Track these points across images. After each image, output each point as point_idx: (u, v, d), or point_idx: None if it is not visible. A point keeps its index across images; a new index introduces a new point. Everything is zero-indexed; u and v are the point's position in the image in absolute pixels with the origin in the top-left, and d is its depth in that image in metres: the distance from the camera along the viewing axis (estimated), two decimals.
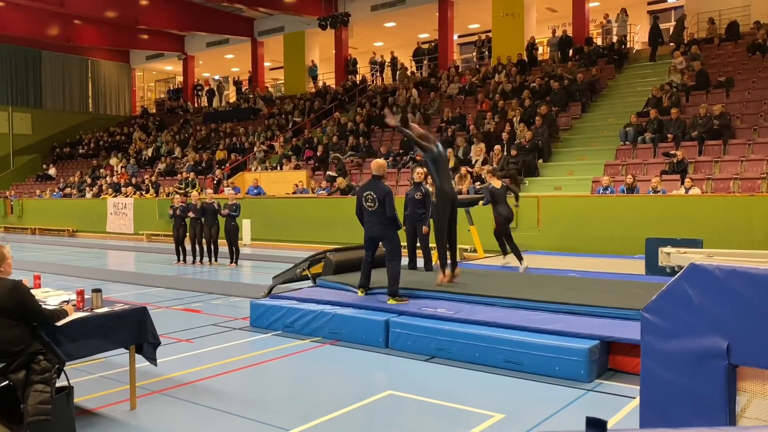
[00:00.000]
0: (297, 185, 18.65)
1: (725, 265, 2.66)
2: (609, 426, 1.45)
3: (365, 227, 7.25)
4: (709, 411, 2.64)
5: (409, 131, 7.66)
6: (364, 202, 7.16)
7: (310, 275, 8.48)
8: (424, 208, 9.07)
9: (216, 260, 13.63)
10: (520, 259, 9.47)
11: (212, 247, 13.67)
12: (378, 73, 27.04)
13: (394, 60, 26.39)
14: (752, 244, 10.42)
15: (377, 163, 7.46)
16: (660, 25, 20.16)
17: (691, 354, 2.69)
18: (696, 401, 2.68)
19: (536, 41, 21.87)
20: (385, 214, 7.04)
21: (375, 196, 7.06)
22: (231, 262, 13.36)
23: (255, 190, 18.98)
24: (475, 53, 25.49)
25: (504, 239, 10.02)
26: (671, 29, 20.57)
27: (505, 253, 10.24)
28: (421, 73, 25.42)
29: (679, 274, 2.78)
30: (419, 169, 9.58)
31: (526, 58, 21.10)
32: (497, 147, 15.83)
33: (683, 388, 2.71)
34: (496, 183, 10.08)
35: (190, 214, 13.60)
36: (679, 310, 2.74)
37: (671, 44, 19.15)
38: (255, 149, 22.68)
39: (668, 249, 8.53)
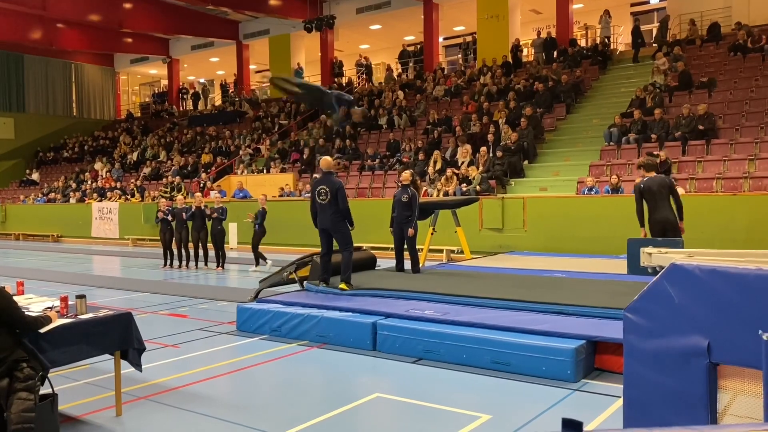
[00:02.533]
0: (283, 188, 18.61)
1: (705, 265, 2.70)
2: (593, 426, 1.47)
3: (318, 220, 7.72)
4: (691, 409, 2.67)
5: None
6: (317, 197, 7.62)
7: (297, 278, 8.46)
8: (410, 210, 9.09)
9: (206, 264, 13.59)
10: None
11: (200, 251, 13.63)
12: (364, 76, 27.06)
13: (369, 65, 26.50)
14: (735, 243, 10.53)
15: (326, 161, 7.98)
16: (643, 27, 20.36)
17: (673, 353, 2.72)
18: (678, 400, 2.71)
19: (521, 43, 21.99)
20: (337, 206, 7.53)
21: (328, 189, 7.56)
22: (217, 266, 13.31)
23: (241, 194, 18.90)
24: (460, 55, 25.58)
25: None
26: (654, 30, 20.78)
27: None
28: (406, 76, 25.47)
29: (660, 274, 2.81)
30: (406, 172, 9.61)
31: (510, 60, 21.21)
32: (483, 148, 15.89)
33: (665, 386, 2.74)
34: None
35: (170, 218, 13.54)
36: (661, 309, 2.77)
37: (654, 45, 19.34)
38: (241, 152, 22.61)
39: (650, 249, 8.59)
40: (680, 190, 12.42)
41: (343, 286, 7.63)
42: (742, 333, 2.54)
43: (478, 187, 14.53)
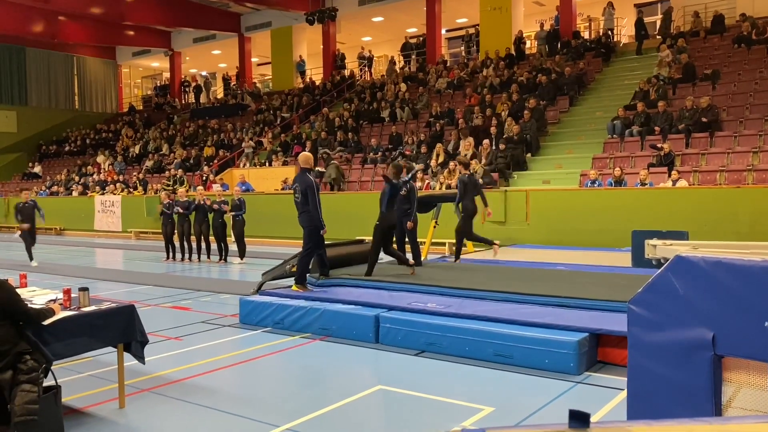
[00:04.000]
0: (285, 181, 18.59)
1: (710, 257, 2.68)
2: (596, 418, 1.46)
3: (298, 218, 7.74)
4: (695, 401, 2.66)
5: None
6: (294, 194, 7.65)
7: None
8: (410, 203, 9.06)
9: (208, 257, 13.61)
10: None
11: (202, 244, 13.64)
12: (366, 68, 26.98)
13: (371, 58, 26.52)
14: (738, 235, 10.51)
15: (304, 156, 7.94)
16: (646, 19, 20.26)
17: (678, 345, 2.71)
18: (682, 392, 2.70)
19: (524, 35, 21.90)
20: (307, 205, 7.44)
21: (300, 188, 7.51)
22: (220, 259, 13.33)
23: (243, 187, 18.88)
24: (463, 47, 25.48)
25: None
26: (658, 22, 20.67)
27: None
28: (409, 68, 25.39)
29: (665, 266, 2.80)
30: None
31: (513, 52, 21.13)
32: (486, 141, 15.85)
33: (670, 379, 2.73)
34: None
35: (178, 209, 13.55)
36: (665, 302, 2.75)
37: (658, 37, 19.25)
38: (243, 145, 22.59)
39: (654, 241, 8.58)
40: (685, 184, 12.41)
41: (294, 287, 7.56)
42: (748, 325, 2.53)
43: (480, 180, 14.49)
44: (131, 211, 20.91)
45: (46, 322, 4.15)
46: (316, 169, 19.15)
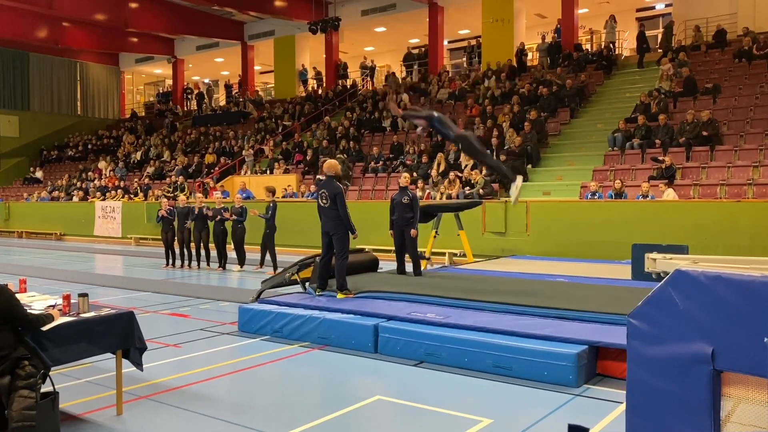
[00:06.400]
0: (286, 189, 18.61)
1: (710, 271, 2.68)
2: None
3: (321, 223, 7.87)
4: (694, 416, 2.66)
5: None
6: (319, 200, 7.78)
7: (299, 280, 8.46)
8: (412, 212, 9.08)
9: (208, 264, 13.60)
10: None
11: (201, 251, 13.63)
12: (368, 78, 27.08)
13: (373, 68, 26.63)
14: (738, 249, 10.51)
15: (328, 164, 8.05)
16: (648, 32, 20.36)
17: (677, 359, 2.71)
18: (681, 406, 2.70)
19: (525, 47, 22.00)
20: (337, 211, 7.61)
21: (328, 193, 7.67)
22: (219, 266, 13.32)
23: (244, 194, 18.88)
24: (464, 59, 25.59)
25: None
26: (659, 36, 20.77)
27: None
28: (411, 78, 25.48)
29: (664, 280, 2.80)
30: (405, 174, 9.61)
31: (515, 64, 21.21)
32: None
33: (669, 393, 2.73)
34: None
35: (168, 218, 13.62)
36: (665, 316, 2.75)
37: (659, 51, 19.33)
38: (244, 153, 22.63)
39: (654, 255, 8.58)
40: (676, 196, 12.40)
41: (340, 295, 7.61)
42: (747, 340, 2.53)
43: (481, 190, 14.52)
44: (131, 217, 20.91)
45: (45, 328, 4.14)
46: (318, 177, 19.21)
